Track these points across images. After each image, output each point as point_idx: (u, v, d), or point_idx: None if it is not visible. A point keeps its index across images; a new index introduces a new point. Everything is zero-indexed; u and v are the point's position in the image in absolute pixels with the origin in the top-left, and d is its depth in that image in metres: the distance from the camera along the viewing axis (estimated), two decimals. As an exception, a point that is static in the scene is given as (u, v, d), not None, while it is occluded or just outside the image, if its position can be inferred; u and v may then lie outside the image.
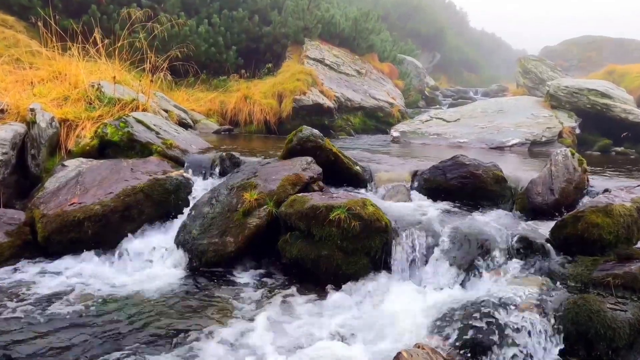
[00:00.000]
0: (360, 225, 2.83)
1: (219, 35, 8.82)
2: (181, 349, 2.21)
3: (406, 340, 2.30)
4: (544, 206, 3.22)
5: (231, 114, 7.38)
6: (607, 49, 20.47)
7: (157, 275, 3.01)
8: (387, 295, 2.71)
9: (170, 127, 4.80)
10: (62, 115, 4.39)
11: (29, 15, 6.70)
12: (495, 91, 15.37)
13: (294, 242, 2.98)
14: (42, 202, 3.52)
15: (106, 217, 3.31)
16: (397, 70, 11.72)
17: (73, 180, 3.70)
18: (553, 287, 2.47)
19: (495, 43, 31.01)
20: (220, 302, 2.67)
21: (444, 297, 2.59)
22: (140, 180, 3.58)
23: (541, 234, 2.86)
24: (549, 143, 6.77)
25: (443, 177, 3.55)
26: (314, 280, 2.90)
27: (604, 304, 2.21)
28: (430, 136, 7.22)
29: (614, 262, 2.49)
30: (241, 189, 3.33)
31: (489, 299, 2.40)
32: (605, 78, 10.67)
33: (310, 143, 3.70)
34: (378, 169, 3.94)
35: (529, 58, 13.18)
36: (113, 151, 4.21)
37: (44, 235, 3.26)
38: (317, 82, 8.19)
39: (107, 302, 2.63)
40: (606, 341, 2.14)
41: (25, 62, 5.28)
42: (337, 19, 10.22)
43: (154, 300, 2.66)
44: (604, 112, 7.46)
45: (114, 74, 5.13)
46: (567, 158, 3.40)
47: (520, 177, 3.58)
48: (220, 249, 3.07)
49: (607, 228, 2.59)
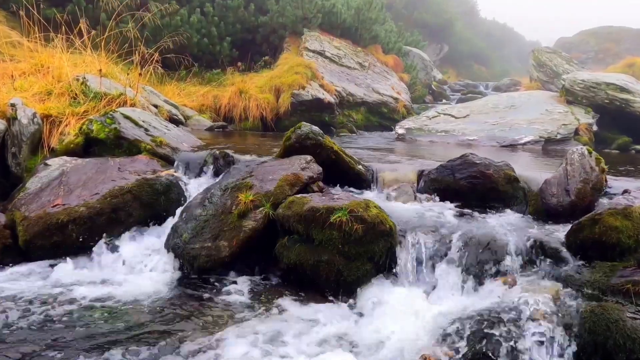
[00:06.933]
0: (362, 229, 2.82)
1: (212, 25, 8.82)
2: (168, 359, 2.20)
3: (412, 351, 2.30)
4: (559, 208, 3.22)
5: (225, 109, 7.37)
6: (627, 40, 20.43)
7: (146, 282, 3.01)
8: (391, 302, 2.70)
9: (160, 123, 4.79)
10: (44, 110, 4.39)
11: (9, 3, 6.70)
12: (507, 85, 15.35)
13: (292, 247, 2.98)
14: (23, 203, 3.52)
15: (92, 219, 3.31)
16: (402, 63, 11.72)
17: (56, 180, 3.70)
18: (568, 295, 2.47)
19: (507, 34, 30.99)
20: (212, 311, 2.67)
21: (452, 305, 2.58)
22: (128, 181, 3.58)
23: (556, 237, 2.86)
24: (564, 141, 6.77)
25: (451, 177, 3.55)
26: (314, 287, 2.90)
27: (624, 313, 2.21)
28: (437, 133, 7.22)
29: (634, 268, 2.48)
30: (236, 189, 3.33)
31: (500, 307, 2.40)
32: (624, 71, 10.66)
33: (310, 141, 3.70)
34: (382, 169, 3.93)
35: (543, 50, 13.15)
36: (99, 149, 4.21)
37: (26, 238, 3.26)
38: (316, 76, 8.19)
39: (92, 310, 2.62)
40: (625, 352, 2.13)
41: (5, 54, 5.28)
42: (338, 8, 10.21)
43: (142, 308, 2.66)
44: (623, 108, 7.46)
45: (100, 66, 5.13)
46: (583, 157, 3.39)
47: (533, 177, 3.58)
48: (213, 253, 3.06)
49: (627, 232, 2.58)
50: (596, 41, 21.17)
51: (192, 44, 8.32)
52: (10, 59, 5.23)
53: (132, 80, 5.50)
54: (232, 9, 9.22)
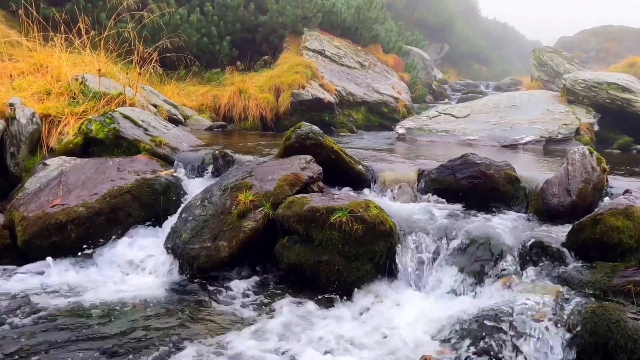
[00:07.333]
0: (363, 229, 2.82)
1: (212, 24, 8.82)
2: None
3: (412, 352, 2.30)
4: (560, 208, 3.22)
5: (225, 109, 7.37)
6: (628, 40, 20.42)
7: (145, 282, 3.01)
8: (391, 303, 2.71)
9: (159, 123, 4.80)
10: (43, 110, 4.39)
11: (8, 2, 6.70)
12: (507, 85, 15.36)
13: (292, 247, 2.98)
14: (22, 203, 3.52)
15: (91, 219, 3.31)
16: (402, 62, 11.72)
17: (55, 180, 3.70)
18: (569, 295, 2.46)
19: (508, 33, 30.99)
20: (212, 312, 2.67)
21: (452, 306, 2.59)
22: (127, 181, 3.58)
23: (557, 238, 2.86)
24: (565, 140, 6.77)
25: (452, 177, 3.55)
26: (314, 287, 2.90)
27: (625, 314, 2.21)
28: (438, 133, 7.22)
29: (635, 269, 2.48)
30: (235, 189, 3.33)
31: (501, 307, 2.39)
32: (625, 71, 10.66)
33: (310, 140, 3.70)
34: (382, 169, 3.94)
35: (544, 49, 13.15)
36: (98, 149, 4.21)
37: (24, 239, 3.26)
38: (316, 75, 8.19)
39: (91, 310, 2.62)
40: (626, 353, 2.13)
41: (4, 54, 5.28)
42: (338, 8, 10.22)
43: (141, 309, 2.66)
44: (624, 108, 7.46)
45: (99, 66, 5.13)
46: (584, 157, 3.39)
47: (534, 177, 3.58)
48: (212, 254, 3.06)
49: (628, 232, 2.59)
50: (597, 40, 21.16)
51: (192, 44, 8.32)
52: (9, 59, 5.23)
53: (131, 79, 5.50)
54: (232, 8, 9.22)
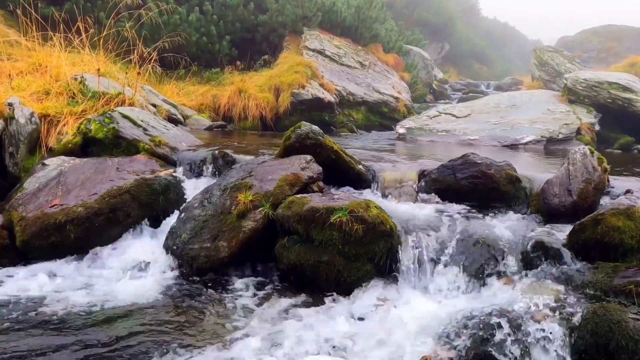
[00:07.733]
0: (363, 229, 2.82)
1: (212, 24, 8.82)
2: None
3: (412, 351, 2.30)
4: (561, 208, 3.22)
5: (224, 109, 7.37)
6: (630, 39, 20.43)
7: (144, 283, 3.01)
8: (391, 304, 2.70)
9: (158, 123, 4.79)
10: (42, 110, 4.39)
11: (6, 2, 6.70)
12: (508, 84, 15.36)
13: (292, 247, 2.98)
14: (20, 203, 3.52)
15: (90, 219, 3.31)
16: (402, 62, 11.72)
17: (54, 180, 3.70)
18: (570, 296, 2.46)
19: (509, 33, 30.99)
20: (211, 313, 2.67)
21: (453, 306, 2.58)
22: (126, 181, 3.58)
23: (558, 238, 2.86)
24: (566, 140, 6.77)
25: (452, 177, 3.55)
26: (314, 287, 2.90)
27: (626, 314, 2.21)
28: (438, 133, 7.22)
29: (636, 269, 2.48)
30: (235, 189, 3.33)
31: (502, 308, 2.39)
32: (627, 71, 10.66)
33: (310, 140, 3.70)
34: (382, 168, 3.93)
35: (544, 49, 13.16)
36: (97, 149, 4.21)
37: (23, 239, 3.26)
38: (316, 75, 8.19)
39: (89, 312, 2.62)
40: (628, 354, 2.13)
41: (3, 53, 5.28)
42: (338, 7, 10.22)
43: (140, 310, 2.66)
44: (625, 108, 7.46)
45: (98, 66, 5.13)
46: (585, 157, 3.39)
47: (535, 177, 3.58)
48: (212, 254, 3.06)
49: (630, 232, 2.59)
50: (598, 40, 21.17)
51: (191, 43, 8.32)
52: (7, 58, 5.23)
53: (131, 79, 5.50)
54: (232, 7, 9.22)
